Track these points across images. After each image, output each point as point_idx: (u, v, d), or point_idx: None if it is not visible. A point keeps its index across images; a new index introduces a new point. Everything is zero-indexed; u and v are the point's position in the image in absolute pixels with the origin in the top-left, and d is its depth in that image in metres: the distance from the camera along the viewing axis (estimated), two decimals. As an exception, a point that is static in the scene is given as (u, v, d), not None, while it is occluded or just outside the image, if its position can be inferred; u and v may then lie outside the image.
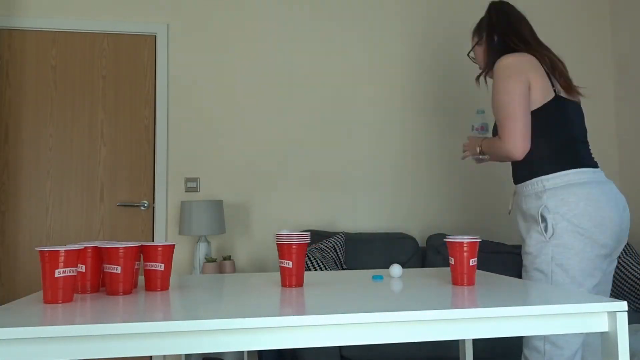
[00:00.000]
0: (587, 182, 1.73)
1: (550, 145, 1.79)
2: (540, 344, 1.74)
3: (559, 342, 1.71)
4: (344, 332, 1.10)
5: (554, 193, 1.74)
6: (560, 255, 1.71)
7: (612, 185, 1.80)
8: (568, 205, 1.71)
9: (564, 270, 1.71)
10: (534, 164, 1.80)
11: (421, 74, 3.82)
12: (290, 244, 1.46)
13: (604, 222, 1.70)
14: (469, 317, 1.12)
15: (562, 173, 1.74)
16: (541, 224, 1.74)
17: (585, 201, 1.70)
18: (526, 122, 1.77)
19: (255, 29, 3.70)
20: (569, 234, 1.70)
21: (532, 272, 1.78)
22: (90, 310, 1.15)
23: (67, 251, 1.26)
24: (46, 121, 3.48)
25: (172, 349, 1.05)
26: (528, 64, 1.81)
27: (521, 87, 1.77)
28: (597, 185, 1.74)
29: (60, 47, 3.54)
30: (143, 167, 3.55)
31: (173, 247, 1.46)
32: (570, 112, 1.84)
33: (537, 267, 1.76)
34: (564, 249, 1.71)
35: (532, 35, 1.98)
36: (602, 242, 1.71)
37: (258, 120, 3.65)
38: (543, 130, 1.80)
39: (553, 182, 1.75)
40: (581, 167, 1.76)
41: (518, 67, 1.80)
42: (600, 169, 1.84)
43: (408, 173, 3.76)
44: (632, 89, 3.84)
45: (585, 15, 4.05)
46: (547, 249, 1.73)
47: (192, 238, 3.53)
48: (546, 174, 1.76)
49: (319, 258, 3.07)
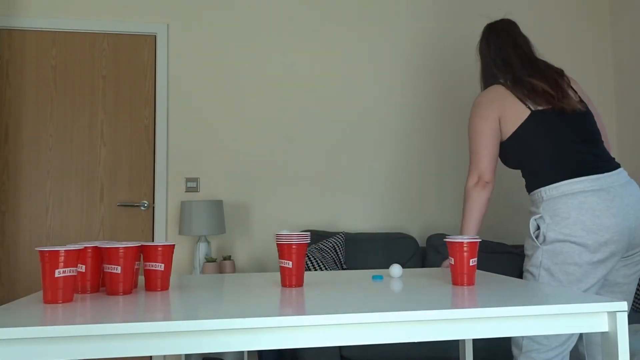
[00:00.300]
0: (581, 192, 1.77)
1: (541, 159, 1.88)
2: (519, 338, 1.84)
3: (537, 337, 1.80)
4: (344, 332, 1.10)
5: (548, 204, 1.83)
6: (547, 260, 1.79)
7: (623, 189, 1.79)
8: (559, 215, 1.78)
9: (550, 274, 1.79)
10: (533, 177, 1.91)
11: (422, 74, 3.82)
12: (290, 244, 1.46)
13: (599, 230, 1.73)
14: (469, 317, 1.12)
15: (556, 185, 1.82)
16: (534, 232, 1.85)
17: (577, 210, 1.76)
18: (490, 159, 1.96)
19: (255, 29, 3.70)
20: (558, 242, 1.78)
21: (525, 272, 1.88)
22: (90, 310, 1.15)
23: (67, 251, 1.26)
24: (46, 121, 3.48)
25: (172, 349, 1.05)
26: (498, 101, 1.95)
27: (489, 127, 1.95)
28: (593, 194, 1.76)
29: (60, 47, 3.54)
30: (143, 167, 3.55)
31: (173, 247, 1.46)
32: (556, 123, 1.87)
33: (528, 268, 1.86)
34: (552, 254, 1.78)
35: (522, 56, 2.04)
36: (594, 249, 1.74)
37: (258, 120, 3.65)
38: (530, 148, 1.90)
39: (549, 193, 1.83)
40: (577, 177, 1.80)
41: (488, 106, 1.97)
42: (610, 173, 1.81)
43: (408, 173, 3.76)
44: (632, 89, 3.84)
45: (585, 15, 4.05)
46: (538, 252, 1.82)
47: (192, 238, 3.53)
48: (544, 186, 1.86)
49: (319, 258, 3.07)
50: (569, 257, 1.75)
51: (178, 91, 3.59)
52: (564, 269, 1.76)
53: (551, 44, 4.00)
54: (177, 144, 3.56)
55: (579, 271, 1.75)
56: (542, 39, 3.99)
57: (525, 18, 3.98)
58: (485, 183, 1.96)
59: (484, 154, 1.96)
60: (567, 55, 4.00)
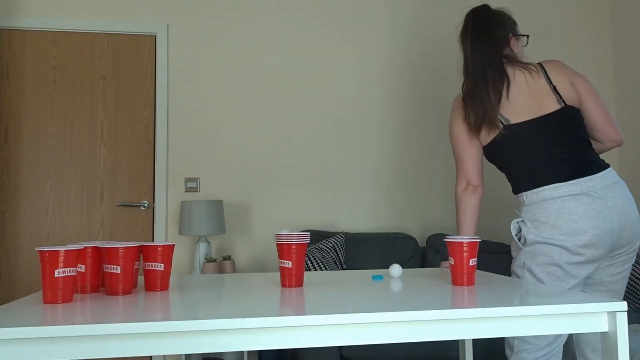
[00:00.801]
0: (560, 197, 1.79)
1: (520, 168, 1.89)
2: (510, 339, 1.86)
3: (527, 337, 1.82)
4: (344, 332, 1.10)
5: (529, 208, 1.85)
6: (529, 261, 1.82)
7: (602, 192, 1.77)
8: (539, 220, 1.81)
9: (532, 275, 1.82)
10: (515, 182, 1.93)
11: (422, 73, 3.82)
12: (290, 244, 1.46)
13: (576, 233, 1.75)
14: (469, 317, 1.12)
15: (536, 190, 1.84)
16: (516, 234, 1.88)
17: (555, 215, 1.78)
18: (473, 163, 1.96)
19: (255, 29, 3.70)
20: (538, 244, 1.81)
21: (512, 273, 1.91)
22: (90, 310, 1.15)
23: (67, 251, 1.26)
24: (46, 121, 3.48)
25: (172, 349, 1.05)
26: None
27: (464, 132, 1.95)
28: (572, 199, 1.77)
29: (60, 47, 3.54)
30: (143, 167, 3.55)
31: (173, 247, 1.46)
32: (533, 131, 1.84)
33: (513, 269, 1.89)
34: (533, 255, 1.81)
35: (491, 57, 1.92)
36: (575, 251, 1.76)
37: (258, 120, 3.65)
38: (507, 158, 1.91)
39: (530, 198, 1.85)
40: (557, 182, 1.80)
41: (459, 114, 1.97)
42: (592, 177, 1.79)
43: (408, 173, 3.76)
44: (632, 89, 3.84)
45: (585, 15, 4.05)
46: (521, 254, 1.85)
47: (192, 238, 3.53)
48: (525, 191, 1.88)
49: (319, 258, 3.07)
50: (549, 258, 1.78)
51: (178, 91, 3.59)
52: (545, 269, 1.79)
53: (551, 44, 3.99)
54: (177, 144, 3.56)
55: (559, 271, 1.78)
56: (542, 39, 3.98)
57: (526, 18, 3.98)
58: (475, 187, 1.96)
59: (467, 159, 1.96)
60: (567, 55, 4.00)
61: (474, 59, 1.94)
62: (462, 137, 1.96)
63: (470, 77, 1.94)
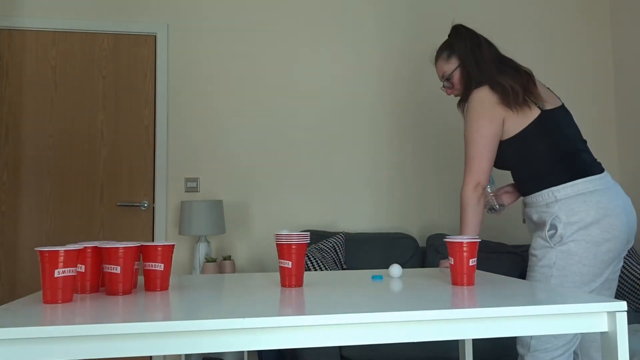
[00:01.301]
0: (597, 190, 1.77)
1: (554, 157, 1.83)
2: (527, 337, 1.82)
3: (545, 337, 1.78)
4: (344, 332, 1.10)
5: (565, 203, 1.78)
6: (562, 261, 1.76)
7: (619, 188, 1.83)
8: (579, 214, 1.76)
9: (563, 275, 1.76)
10: (542, 176, 1.84)
11: (422, 74, 3.82)
12: (289, 244, 1.46)
13: (611, 229, 1.74)
14: (469, 317, 1.12)
15: (571, 183, 1.78)
16: (548, 232, 1.79)
17: (595, 209, 1.75)
18: (491, 164, 1.89)
19: (255, 29, 3.70)
20: (576, 242, 1.75)
21: (534, 273, 1.84)
22: (90, 310, 1.15)
23: (67, 251, 1.26)
24: (46, 121, 3.48)
25: (172, 349, 1.05)
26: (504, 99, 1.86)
27: (492, 127, 1.85)
28: (606, 192, 1.77)
29: (60, 47, 3.54)
30: (143, 167, 3.55)
31: (173, 247, 1.46)
32: (561, 121, 1.87)
33: (539, 269, 1.81)
34: (567, 255, 1.76)
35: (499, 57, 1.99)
36: (607, 248, 1.75)
37: (258, 120, 3.65)
38: (535, 148, 1.84)
39: (564, 192, 1.79)
40: (589, 176, 1.79)
41: (492, 103, 1.85)
42: (606, 172, 1.84)
43: (408, 173, 3.76)
44: (632, 89, 3.84)
45: (585, 15, 4.05)
46: (550, 253, 1.78)
47: (192, 238, 3.53)
48: (556, 185, 1.80)
49: (319, 258, 3.07)
50: (584, 258, 1.74)
51: (178, 91, 3.59)
52: (579, 269, 1.75)
53: (551, 44, 3.99)
54: (177, 144, 3.56)
55: (591, 271, 1.75)
56: (542, 39, 3.98)
57: (525, 18, 3.98)
58: (483, 189, 1.90)
59: (486, 156, 1.86)
60: (567, 55, 4.00)
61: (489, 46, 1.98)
62: (491, 133, 1.85)
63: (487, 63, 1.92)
